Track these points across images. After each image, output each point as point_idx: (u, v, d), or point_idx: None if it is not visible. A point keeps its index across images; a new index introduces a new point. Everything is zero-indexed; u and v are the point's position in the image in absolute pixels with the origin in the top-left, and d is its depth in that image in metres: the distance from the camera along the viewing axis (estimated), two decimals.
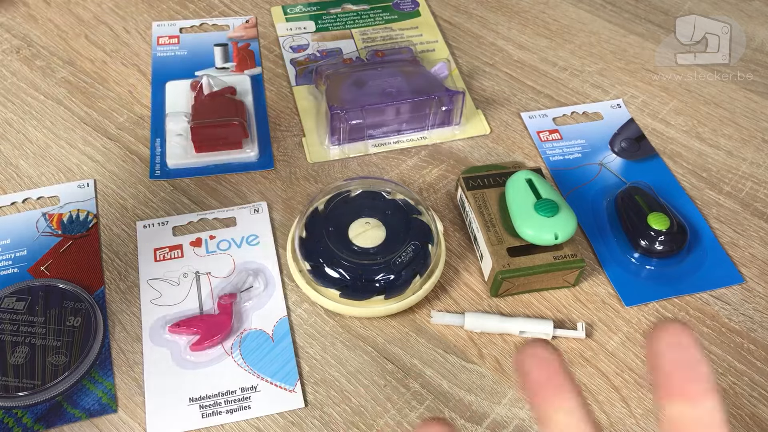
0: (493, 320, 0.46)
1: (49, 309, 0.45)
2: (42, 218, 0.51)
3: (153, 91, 0.61)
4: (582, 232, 0.52)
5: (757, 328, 0.48)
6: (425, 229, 0.48)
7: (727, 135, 0.60)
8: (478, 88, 0.63)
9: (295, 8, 0.70)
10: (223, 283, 0.48)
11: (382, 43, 0.66)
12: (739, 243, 0.52)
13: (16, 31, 0.65)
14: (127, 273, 0.48)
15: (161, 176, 0.54)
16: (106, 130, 0.57)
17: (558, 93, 0.63)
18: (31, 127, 0.57)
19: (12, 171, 0.54)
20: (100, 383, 0.43)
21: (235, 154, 0.55)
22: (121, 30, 0.66)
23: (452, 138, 0.58)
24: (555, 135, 0.59)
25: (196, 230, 0.51)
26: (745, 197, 0.56)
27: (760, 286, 0.50)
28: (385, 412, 0.43)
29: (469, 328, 0.46)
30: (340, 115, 0.55)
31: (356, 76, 0.58)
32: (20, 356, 0.43)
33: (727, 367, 0.46)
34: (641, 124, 0.60)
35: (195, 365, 0.44)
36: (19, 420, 0.41)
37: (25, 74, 0.61)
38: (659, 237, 0.49)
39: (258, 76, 0.63)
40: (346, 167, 0.56)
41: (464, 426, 0.42)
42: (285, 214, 0.52)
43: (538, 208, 0.47)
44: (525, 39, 0.68)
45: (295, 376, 0.44)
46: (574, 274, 0.48)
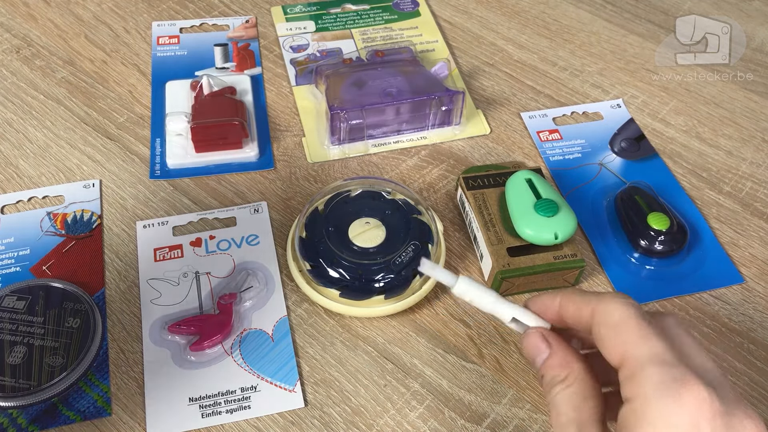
0: (488, 296, 0.36)
1: (48, 309, 0.45)
2: (46, 218, 0.51)
3: (153, 91, 0.61)
4: (582, 232, 0.52)
5: (757, 328, 0.48)
6: (425, 229, 0.48)
7: (727, 135, 0.60)
8: (478, 88, 0.63)
9: (295, 8, 0.70)
10: (223, 283, 0.48)
11: (382, 43, 0.66)
12: (739, 243, 0.52)
13: (16, 31, 0.65)
14: (127, 273, 0.48)
15: (161, 176, 0.54)
16: (106, 130, 0.57)
17: (558, 93, 0.63)
18: (31, 127, 0.57)
19: (12, 171, 0.54)
20: (96, 386, 0.43)
21: (235, 154, 0.55)
22: (121, 30, 0.66)
23: (452, 138, 0.58)
24: (555, 135, 0.59)
25: (196, 230, 0.51)
26: (745, 197, 0.56)
27: (760, 286, 0.50)
28: (385, 412, 0.43)
29: (458, 293, 0.36)
30: (340, 115, 0.55)
31: (356, 76, 0.58)
32: (18, 356, 0.43)
33: (727, 367, 0.46)
34: (641, 124, 0.60)
35: (195, 365, 0.44)
36: (14, 420, 0.41)
37: (25, 74, 0.61)
38: (659, 237, 0.49)
39: (258, 76, 0.63)
40: (346, 167, 0.56)
41: (464, 426, 0.42)
42: (285, 214, 0.52)
43: (538, 208, 0.47)
44: (525, 39, 0.68)
45: (295, 376, 0.44)
46: (574, 274, 0.48)
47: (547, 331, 0.34)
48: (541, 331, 0.34)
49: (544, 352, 0.33)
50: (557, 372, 0.32)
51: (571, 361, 0.33)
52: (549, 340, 0.34)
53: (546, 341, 0.34)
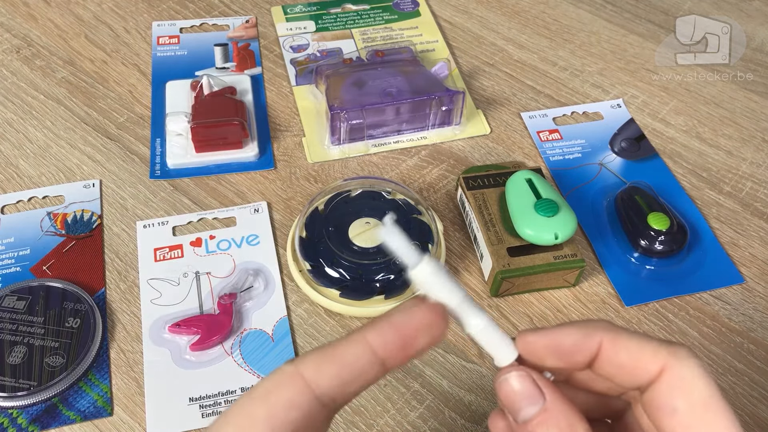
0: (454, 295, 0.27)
1: (48, 309, 0.45)
2: (46, 217, 0.51)
3: (153, 91, 0.61)
4: (582, 232, 0.52)
5: (757, 328, 0.48)
6: (425, 229, 0.48)
7: (727, 135, 0.60)
8: (478, 88, 0.63)
9: (295, 8, 0.70)
10: (223, 283, 0.48)
11: (382, 43, 0.66)
12: (739, 243, 0.52)
13: (16, 31, 0.65)
14: (127, 273, 0.48)
15: (161, 176, 0.54)
16: (106, 130, 0.57)
17: (558, 93, 0.63)
18: (31, 127, 0.57)
19: (12, 171, 0.54)
20: (97, 386, 0.43)
21: (235, 154, 0.55)
22: (121, 30, 0.66)
23: (452, 138, 0.58)
24: (555, 135, 0.59)
25: (196, 230, 0.51)
26: (745, 197, 0.56)
27: (760, 286, 0.50)
28: (385, 412, 0.43)
29: (416, 279, 0.27)
30: (340, 115, 0.55)
31: (356, 76, 0.58)
32: (18, 356, 0.43)
33: (727, 367, 0.46)
34: (641, 124, 0.60)
35: (195, 365, 0.44)
36: (14, 420, 0.41)
37: (25, 74, 0.61)
38: (659, 237, 0.49)
39: (258, 76, 0.63)
40: (346, 167, 0.56)
41: (464, 426, 0.42)
42: (285, 214, 0.52)
43: (538, 208, 0.47)
44: (525, 39, 0.68)
45: None
46: (574, 274, 0.48)
47: (537, 373, 0.26)
48: (530, 373, 0.26)
49: (537, 403, 0.26)
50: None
51: (574, 422, 0.25)
52: (541, 386, 0.26)
53: (538, 387, 0.26)
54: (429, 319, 0.25)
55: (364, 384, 0.24)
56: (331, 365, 0.23)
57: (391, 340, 0.24)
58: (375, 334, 0.24)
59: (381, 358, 0.24)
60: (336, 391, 0.23)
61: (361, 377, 0.24)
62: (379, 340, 0.24)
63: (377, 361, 0.24)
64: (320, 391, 0.23)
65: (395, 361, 0.24)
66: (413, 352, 0.25)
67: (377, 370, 0.24)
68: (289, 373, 0.23)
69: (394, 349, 0.24)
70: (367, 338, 0.24)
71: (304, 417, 0.23)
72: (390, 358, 0.24)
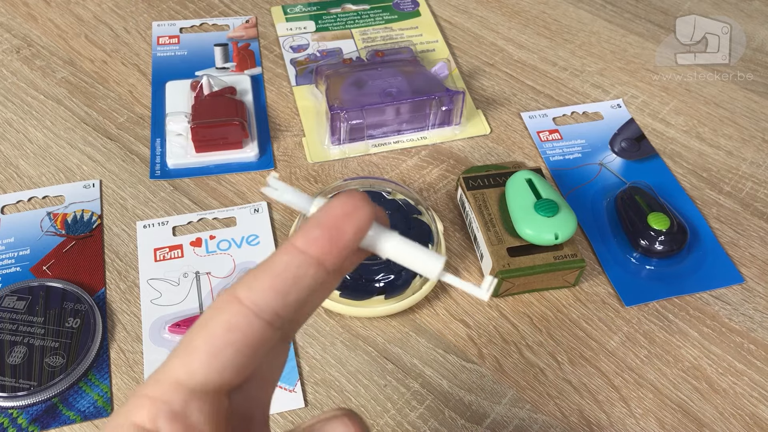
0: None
1: (48, 309, 0.45)
2: (46, 218, 0.51)
3: (153, 91, 0.61)
4: (582, 232, 0.52)
5: (757, 328, 0.48)
6: (425, 229, 0.48)
7: (727, 135, 0.60)
8: (478, 88, 0.63)
9: (295, 8, 0.70)
10: (223, 283, 0.48)
11: (382, 43, 0.66)
12: (739, 243, 0.52)
13: (16, 31, 0.65)
14: (127, 273, 0.48)
15: (161, 176, 0.54)
16: (106, 130, 0.57)
17: (558, 93, 0.63)
18: (31, 127, 0.57)
19: (12, 171, 0.54)
20: (97, 386, 0.43)
21: (235, 154, 0.55)
22: (121, 30, 0.66)
23: (452, 138, 0.58)
24: (555, 135, 0.59)
25: (196, 230, 0.51)
26: (745, 197, 0.56)
27: (760, 286, 0.50)
28: (385, 412, 0.43)
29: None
30: (340, 115, 0.55)
31: (356, 76, 0.58)
32: (18, 356, 0.43)
33: (727, 367, 0.46)
34: (641, 124, 0.60)
35: None
36: (14, 420, 0.41)
37: (25, 74, 0.61)
38: (659, 237, 0.49)
39: (258, 76, 0.63)
40: (346, 167, 0.56)
41: (464, 426, 0.42)
42: (285, 214, 0.52)
43: (538, 208, 0.47)
44: (525, 39, 0.68)
45: (295, 376, 0.44)
46: (574, 274, 0.48)
47: None
48: None
49: None
50: None
51: None
52: None
53: None
54: (349, 205, 0.24)
55: (306, 291, 0.23)
56: (262, 279, 0.23)
57: (315, 235, 0.24)
58: (299, 236, 0.24)
59: (315, 258, 0.23)
60: (275, 305, 0.22)
61: (298, 284, 0.23)
62: (303, 239, 0.23)
63: (311, 262, 0.23)
64: (258, 308, 0.22)
65: (331, 257, 0.23)
66: (344, 243, 0.24)
67: (314, 273, 0.23)
68: (223, 298, 0.23)
69: (323, 243, 0.23)
70: (293, 242, 0.23)
71: (245, 337, 0.22)
72: (324, 255, 0.23)
